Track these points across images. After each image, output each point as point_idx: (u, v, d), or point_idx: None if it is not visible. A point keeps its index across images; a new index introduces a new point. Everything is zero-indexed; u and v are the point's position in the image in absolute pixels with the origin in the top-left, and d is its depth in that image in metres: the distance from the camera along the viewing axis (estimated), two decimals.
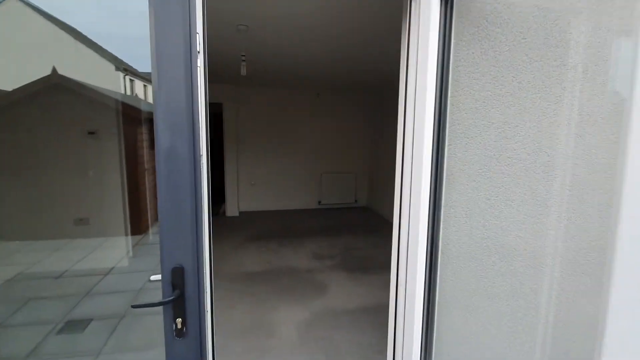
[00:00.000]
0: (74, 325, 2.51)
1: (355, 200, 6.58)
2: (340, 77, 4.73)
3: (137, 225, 3.78)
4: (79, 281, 3.23)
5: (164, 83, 0.92)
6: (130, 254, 3.77)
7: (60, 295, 2.97)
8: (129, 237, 3.78)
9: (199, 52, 0.96)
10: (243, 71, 2.60)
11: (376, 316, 2.68)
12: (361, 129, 6.47)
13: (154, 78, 0.92)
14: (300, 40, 2.74)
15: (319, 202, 6.45)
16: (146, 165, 4.38)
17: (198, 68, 0.95)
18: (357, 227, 5.23)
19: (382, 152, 5.85)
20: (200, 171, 0.98)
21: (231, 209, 5.85)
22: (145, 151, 4.11)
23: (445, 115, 1.03)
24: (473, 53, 1.03)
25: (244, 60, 2.66)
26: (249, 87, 5.78)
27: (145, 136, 4.08)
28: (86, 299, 2.91)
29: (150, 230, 4.30)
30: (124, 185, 3.65)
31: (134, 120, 3.94)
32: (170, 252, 0.97)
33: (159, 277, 1.02)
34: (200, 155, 0.98)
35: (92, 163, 3.48)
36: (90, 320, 2.57)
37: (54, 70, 3.85)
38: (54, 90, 3.79)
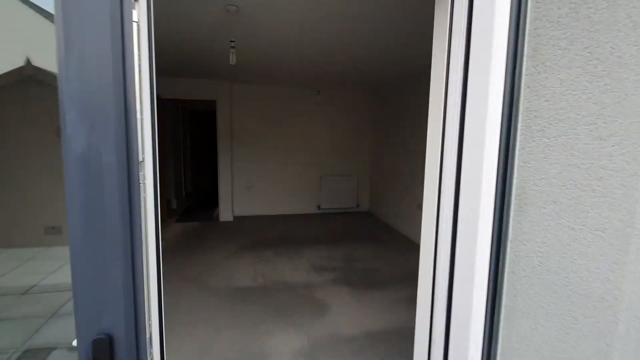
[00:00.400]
0: (32, 356, 2.15)
1: (357, 205, 6.23)
2: (343, 72, 4.39)
3: None
4: (48, 298, 2.87)
5: (76, 44, 0.57)
6: None
7: (23, 316, 2.61)
8: None
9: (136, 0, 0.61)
10: (232, 60, 2.26)
11: (386, 344, 2.33)
12: (364, 128, 6.13)
13: (57, 36, 0.57)
14: (299, 24, 2.39)
15: (319, 207, 6.10)
16: None
17: (135, 25, 0.61)
18: (359, 234, 4.88)
19: (387, 153, 5.51)
20: (139, 186, 0.63)
21: (225, 213, 5.49)
22: None
23: (518, 104, 0.68)
24: (559, 9, 0.68)
25: (233, 47, 2.32)
26: (244, 83, 5.43)
27: None
28: (52, 320, 2.54)
29: None
30: None
31: None
32: (89, 314, 0.62)
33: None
34: (139, 162, 0.63)
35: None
36: (53, 349, 2.21)
37: (28, 61, 3.50)
38: (27, 83, 3.44)
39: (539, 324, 0.77)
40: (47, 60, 3.41)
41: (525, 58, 0.68)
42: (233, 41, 2.33)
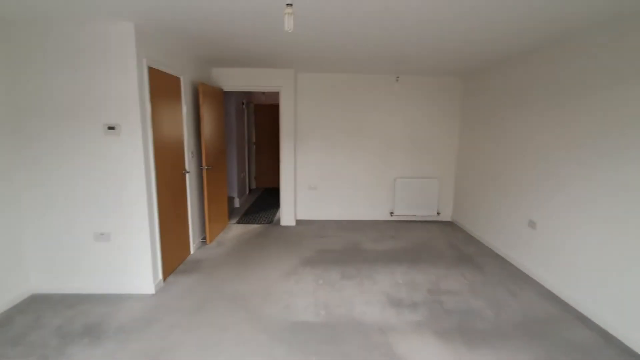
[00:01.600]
0: None
1: (438, 213, 5.24)
2: (433, 52, 3.47)
3: (172, 243, 3.06)
4: (90, 311, 2.59)
5: None
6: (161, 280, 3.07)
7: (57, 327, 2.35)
8: (158, 255, 3.07)
9: None
10: (288, 24, 1.59)
11: None
12: (451, 122, 5.08)
13: None
14: None
15: (391, 213, 5.26)
16: (187, 168, 3.67)
17: None
18: (443, 252, 3.94)
19: (482, 152, 4.43)
20: None
21: (286, 217, 4.99)
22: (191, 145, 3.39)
23: None
24: None
25: (289, 4, 1.65)
26: (309, 71, 4.80)
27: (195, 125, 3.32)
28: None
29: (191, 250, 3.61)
30: (150, 191, 2.93)
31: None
32: None
33: None
34: None
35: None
36: None
37: None
38: None
39: None
40: None
41: None
42: (290, 4, 1.65)
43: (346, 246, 4.12)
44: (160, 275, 3.07)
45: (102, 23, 2.59)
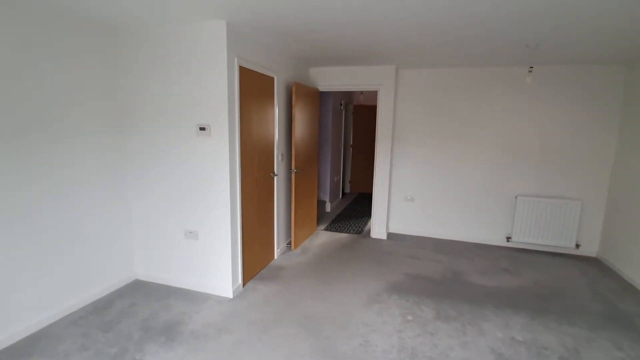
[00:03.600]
0: None
1: (577, 246, 4.01)
2: (590, 24, 2.53)
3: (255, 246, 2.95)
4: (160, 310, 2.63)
5: None
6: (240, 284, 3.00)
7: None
8: (239, 258, 3.00)
9: None
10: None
11: None
12: (605, 126, 3.81)
13: None
14: None
15: (508, 239, 4.26)
16: (276, 171, 3.56)
17: None
18: (585, 304, 2.90)
19: None
20: None
21: (377, 229, 4.52)
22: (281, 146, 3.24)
23: None
24: None
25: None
26: (413, 67, 4.21)
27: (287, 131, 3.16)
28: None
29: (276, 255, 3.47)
30: (234, 192, 2.86)
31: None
32: None
33: None
34: None
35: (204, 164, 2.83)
36: None
37: None
38: None
39: None
40: None
41: None
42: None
43: (445, 274, 3.43)
44: (240, 280, 3.00)
45: (193, 23, 2.60)
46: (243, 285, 3.07)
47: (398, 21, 2.41)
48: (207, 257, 2.93)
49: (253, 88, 3.05)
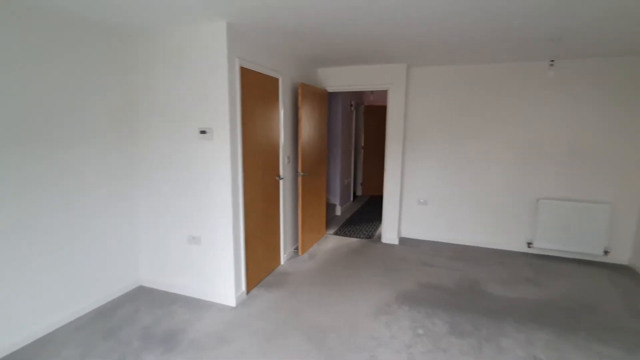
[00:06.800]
0: None
1: (605, 252, 3.71)
2: (613, 14, 2.30)
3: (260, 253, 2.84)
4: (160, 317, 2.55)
5: None
6: (244, 291, 2.90)
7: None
8: (242, 265, 2.91)
9: None
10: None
11: None
12: (633, 125, 3.51)
13: None
14: None
15: (529, 244, 4.00)
16: (282, 174, 3.45)
17: None
18: (619, 320, 2.64)
19: None
20: None
21: (388, 233, 4.35)
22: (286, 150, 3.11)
23: None
24: None
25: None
26: (424, 65, 4.03)
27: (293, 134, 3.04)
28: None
29: (282, 261, 3.33)
30: (236, 197, 2.77)
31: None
32: None
33: None
34: None
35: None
36: None
37: None
38: None
39: None
40: None
41: None
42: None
43: (460, 284, 3.23)
44: (243, 287, 2.90)
45: (193, 24, 2.52)
46: (247, 293, 2.97)
47: (407, 19, 2.25)
48: (210, 264, 2.85)
49: (256, 90, 2.95)
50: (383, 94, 6.66)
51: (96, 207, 2.69)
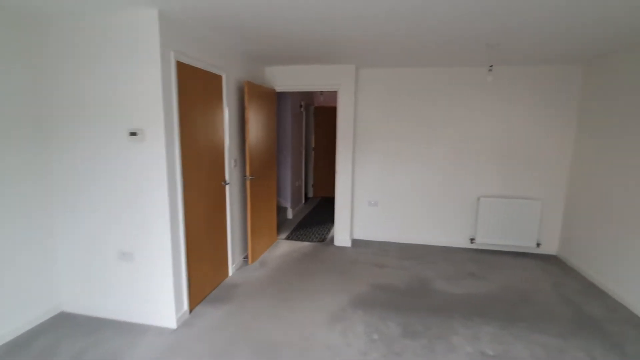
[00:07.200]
0: None
1: (538, 245, 4.04)
2: (546, 25, 2.46)
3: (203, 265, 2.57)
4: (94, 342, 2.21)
5: None
6: (186, 310, 2.63)
7: None
8: (183, 281, 2.64)
9: None
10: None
11: None
12: (561, 127, 3.86)
13: None
14: None
15: (472, 240, 4.22)
16: (227, 178, 3.22)
17: None
18: (552, 308, 2.85)
19: (605, 169, 3.19)
20: None
21: (341, 236, 4.30)
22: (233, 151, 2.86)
23: None
24: None
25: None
26: (374, 67, 4.05)
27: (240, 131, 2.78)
28: None
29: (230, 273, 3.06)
30: (175, 206, 2.50)
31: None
32: None
33: None
34: None
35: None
36: None
37: None
38: None
39: None
40: None
41: None
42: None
43: (411, 283, 3.27)
44: (185, 306, 2.63)
45: (121, 12, 2.21)
46: (190, 311, 2.70)
47: (354, 17, 2.19)
48: (145, 282, 2.53)
49: (197, 87, 2.70)
50: (333, 95, 6.66)
51: (3, 224, 2.25)
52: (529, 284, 3.28)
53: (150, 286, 2.53)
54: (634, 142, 2.89)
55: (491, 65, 3.14)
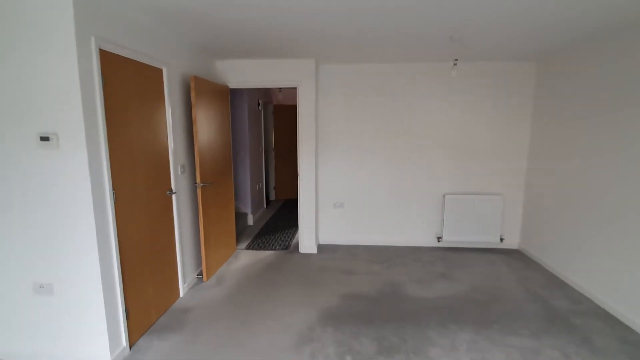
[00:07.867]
0: None
1: (501, 239, 4.06)
2: (505, 18, 2.37)
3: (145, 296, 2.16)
4: None
5: None
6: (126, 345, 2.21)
7: None
8: (120, 311, 2.21)
9: None
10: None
11: None
12: (518, 122, 3.90)
13: None
14: None
15: (439, 239, 4.15)
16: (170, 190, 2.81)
17: None
18: (521, 305, 2.80)
19: (565, 160, 3.23)
20: None
21: (306, 242, 4.04)
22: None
23: None
24: None
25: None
26: (334, 62, 3.83)
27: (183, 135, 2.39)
28: None
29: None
30: (104, 223, 2.08)
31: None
32: None
33: None
34: None
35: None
36: None
37: None
38: None
39: None
40: None
41: None
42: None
43: (382, 290, 3.09)
44: (124, 340, 2.21)
45: None
46: (130, 347, 2.29)
47: (309, 6, 1.92)
48: (70, 318, 2.09)
49: (129, 82, 2.28)
50: (293, 92, 6.37)
51: None
52: (496, 281, 3.24)
53: (77, 322, 2.08)
54: (586, 135, 2.92)
55: (456, 60, 3.06)
